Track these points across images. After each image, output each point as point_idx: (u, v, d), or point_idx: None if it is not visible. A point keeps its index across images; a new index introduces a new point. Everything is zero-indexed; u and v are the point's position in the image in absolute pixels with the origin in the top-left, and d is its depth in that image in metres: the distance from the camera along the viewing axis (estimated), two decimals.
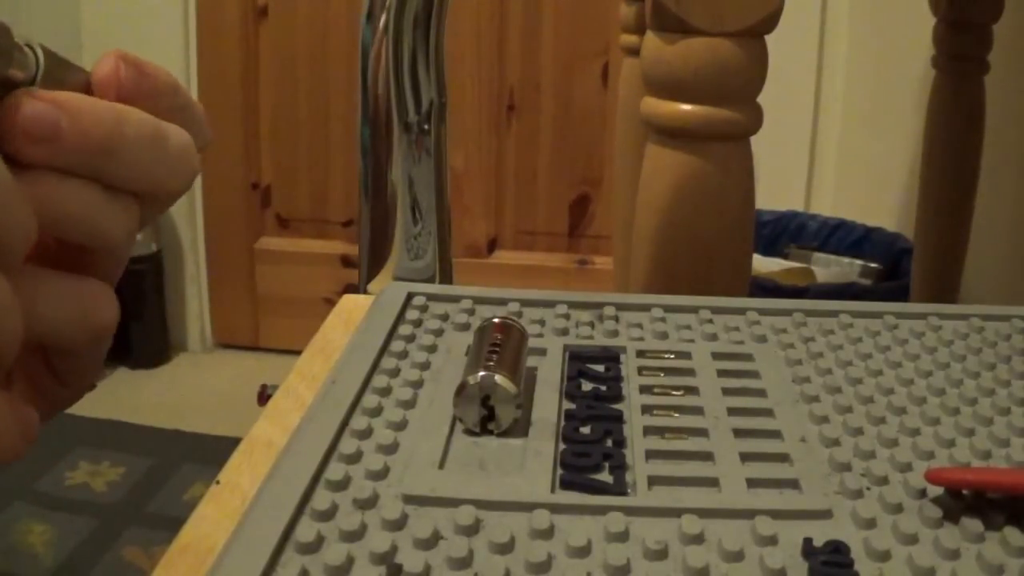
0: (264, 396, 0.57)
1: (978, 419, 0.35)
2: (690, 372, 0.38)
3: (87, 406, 1.60)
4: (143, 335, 1.74)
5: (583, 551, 0.26)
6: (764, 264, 1.30)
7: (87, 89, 0.25)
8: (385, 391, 0.35)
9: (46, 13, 1.62)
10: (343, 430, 0.32)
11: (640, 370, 0.38)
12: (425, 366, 0.38)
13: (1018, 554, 0.27)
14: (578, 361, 0.38)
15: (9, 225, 0.22)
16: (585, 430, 0.33)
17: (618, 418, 0.34)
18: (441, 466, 0.31)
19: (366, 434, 0.32)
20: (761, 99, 0.53)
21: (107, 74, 0.25)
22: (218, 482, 0.33)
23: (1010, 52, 1.05)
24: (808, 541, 0.27)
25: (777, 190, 1.46)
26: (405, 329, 0.41)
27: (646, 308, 0.44)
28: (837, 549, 0.27)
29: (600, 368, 0.38)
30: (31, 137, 0.23)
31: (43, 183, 0.24)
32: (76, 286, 0.26)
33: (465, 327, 0.41)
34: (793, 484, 0.30)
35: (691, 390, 0.36)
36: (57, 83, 0.24)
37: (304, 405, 0.35)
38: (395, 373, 0.37)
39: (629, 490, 0.30)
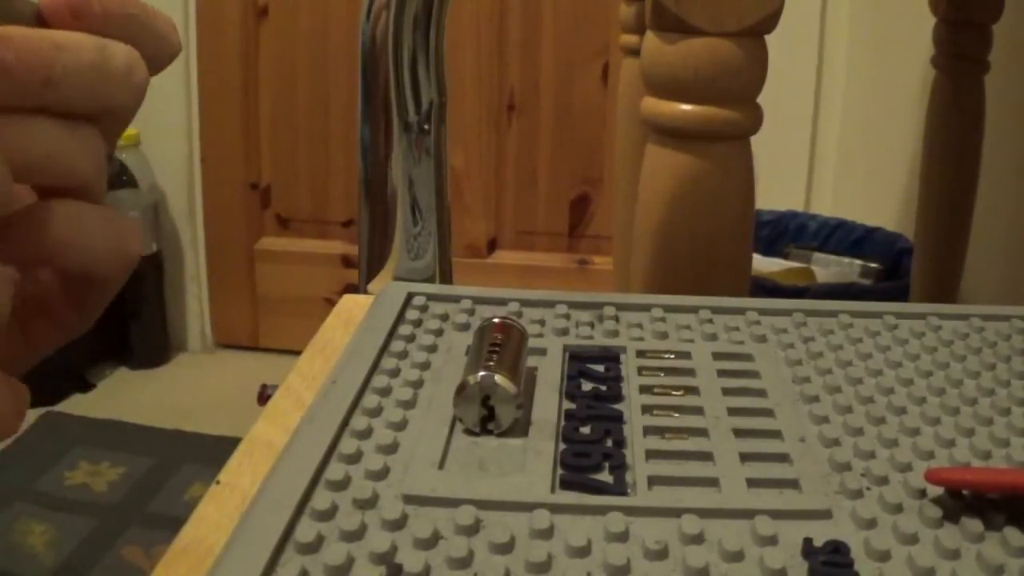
0: (264, 396, 0.57)
1: (978, 419, 0.35)
2: (690, 372, 0.38)
3: (87, 406, 1.60)
4: (143, 335, 1.74)
5: (583, 551, 0.26)
6: (764, 264, 1.30)
7: (39, 22, 0.25)
8: (385, 391, 0.35)
9: None
10: (343, 430, 0.32)
11: (640, 370, 0.38)
12: (425, 366, 0.38)
13: (1018, 554, 0.27)
14: (578, 361, 0.38)
15: None
16: (585, 430, 0.33)
17: (618, 418, 0.34)
18: (441, 466, 0.31)
19: (366, 434, 0.32)
20: (761, 99, 0.53)
21: (51, 1, 0.25)
22: (218, 482, 0.33)
23: (1010, 52, 1.05)
24: (808, 541, 0.27)
25: (777, 190, 1.46)
26: (405, 329, 0.41)
27: (646, 308, 0.44)
28: (837, 549, 0.27)
29: (600, 368, 0.38)
30: None
31: None
32: (111, 217, 0.27)
33: (465, 327, 0.41)
34: (793, 484, 0.30)
35: (691, 390, 0.36)
36: (2, 19, 0.24)
37: (304, 405, 0.35)
38: (395, 373, 0.37)
39: (629, 490, 0.30)
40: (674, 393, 0.36)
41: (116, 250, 0.27)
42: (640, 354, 0.39)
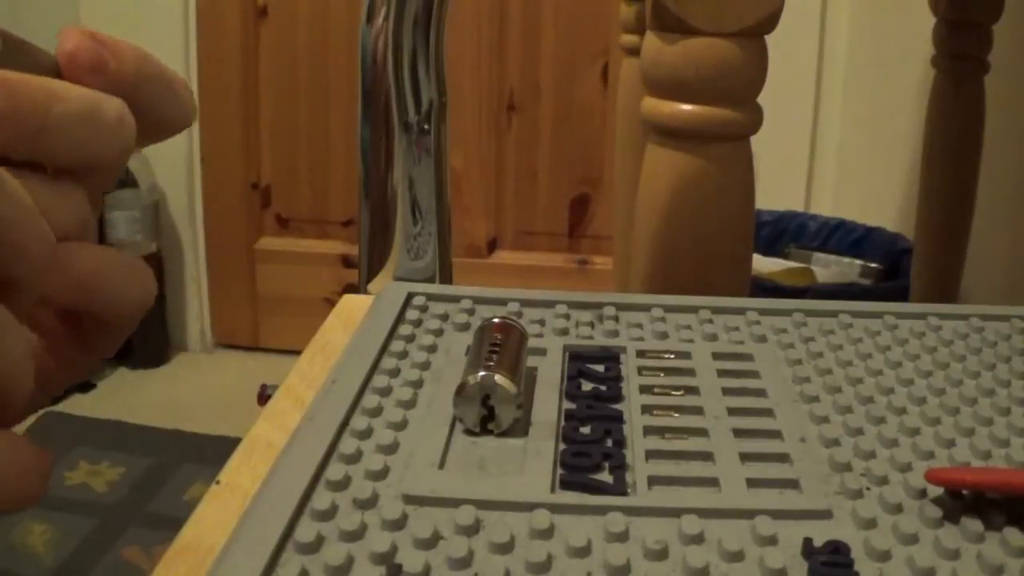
0: (264, 396, 0.57)
1: (978, 419, 0.35)
2: (690, 372, 0.38)
3: (87, 406, 1.60)
4: (143, 335, 1.74)
5: (583, 551, 0.26)
6: (764, 264, 1.30)
7: (57, 73, 0.25)
8: (385, 391, 0.35)
9: (45, 13, 1.62)
10: (343, 430, 0.32)
11: (640, 370, 0.38)
12: (425, 366, 0.38)
13: (1018, 554, 0.27)
14: (578, 361, 0.38)
15: (28, 237, 0.22)
16: (585, 430, 0.33)
17: (618, 418, 0.34)
18: (441, 466, 0.31)
19: (366, 434, 0.32)
20: (761, 99, 0.53)
21: (68, 53, 0.25)
22: (218, 482, 0.33)
23: (1010, 52, 1.05)
24: (808, 541, 0.27)
25: (777, 190, 1.45)
26: (405, 329, 0.41)
27: (646, 308, 0.44)
28: (837, 549, 0.27)
29: (600, 368, 0.38)
30: None
31: None
32: (128, 260, 0.27)
33: (465, 327, 0.41)
34: (793, 484, 0.30)
35: (691, 390, 0.36)
36: (17, 67, 0.24)
37: (304, 405, 0.35)
38: (395, 373, 0.37)
39: (629, 490, 0.30)
40: (674, 393, 0.36)
41: (133, 294, 0.27)
42: (640, 354, 0.39)
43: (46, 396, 0.28)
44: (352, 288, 0.56)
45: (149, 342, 1.75)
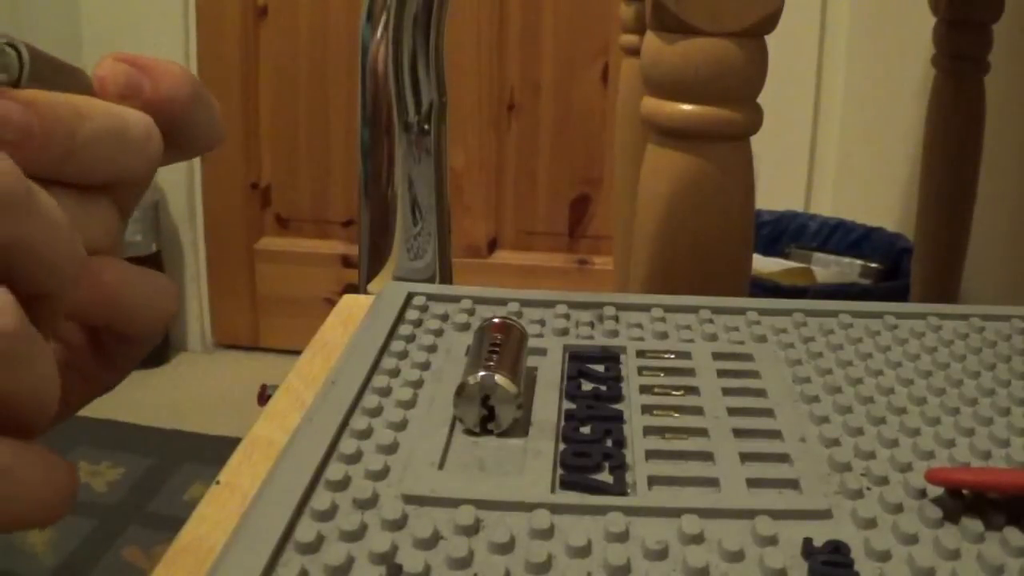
0: (264, 396, 0.57)
1: (978, 419, 0.35)
2: (690, 372, 0.38)
3: (87, 406, 1.60)
4: None
5: (583, 551, 0.26)
6: (764, 264, 1.30)
7: (90, 93, 0.25)
8: (385, 391, 0.35)
9: (46, 13, 1.62)
10: (343, 430, 0.32)
11: (640, 370, 0.38)
12: (425, 366, 0.38)
13: (1018, 554, 0.27)
14: (578, 361, 0.38)
15: (60, 255, 0.22)
16: (585, 430, 0.33)
17: (618, 418, 0.34)
18: (441, 466, 0.31)
19: (366, 434, 0.32)
20: (761, 99, 0.53)
21: (100, 77, 0.25)
22: (218, 482, 0.33)
23: (1010, 52, 1.05)
24: (808, 541, 0.27)
25: (777, 190, 1.46)
26: (405, 329, 0.41)
27: (646, 308, 0.44)
28: (837, 549, 0.27)
29: (600, 368, 0.38)
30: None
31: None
32: (150, 277, 0.27)
33: (465, 327, 0.41)
34: (793, 484, 0.30)
35: (691, 390, 0.36)
36: (48, 86, 0.23)
37: (304, 405, 0.35)
38: (395, 373, 0.37)
39: (629, 490, 0.30)
40: (674, 393, 0.36)
41: (156, 308, 0.27)
42: (640, 354, 0.39)
43: (69, 412, 0.28)
44: (352, 288, 0.56)
45: None
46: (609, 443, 0.33)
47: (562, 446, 0.32)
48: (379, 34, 0.56)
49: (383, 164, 0.59)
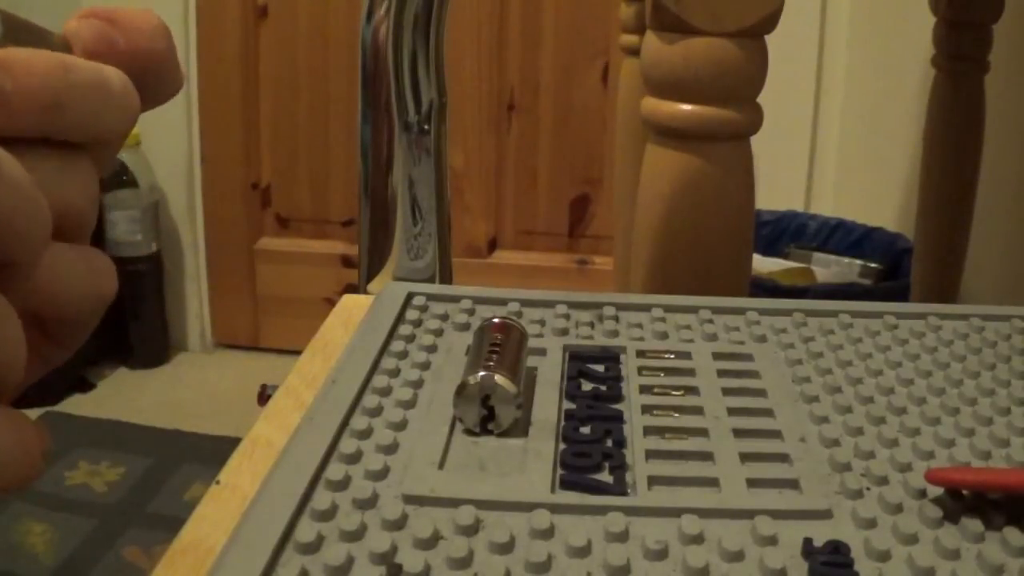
0: (264, 396, 0.57)
1: (978, 419, 0.35)
2: (690, 372, 0.38)
3: (87, 406, 1.60)
4: (143, 335, 1.74)
5: (583, 551, 0.26)
6: (764, 264, 1.30)
7: (67, 51, 0.25)
8: (385, 391, 0.35)
9: (45, 12, 1.62)
10: (343, 430, 0.32)
11: (640, 370, 0.38)
12: (425, 366, 0.38)
13: (1018, 554, 0.27)
14: (578, 361, 0.38)
15: (28, 222, 0.22)
16: (585, 430, 0.33)
17: (618, 418, 0.34)
18: (441, 466, 0.31)
19: (366, 434, 0.32)
20: (761, 99, 0.53)
21: (74, 33, 0.25)
22: (218, 482, 0.33)
23: (1010, 52, 1.05)
24: (808, 541, 0.27)
25: (777, 190, 1.45)
26: (405, 329, 0.41)
27: (646, 308, 0.44)
28: (837, 549, 0.27)
29: (600, 368, 0.38)
30: None
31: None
32: (85, 259, 0.26)
33: (465, 327, 0.41)
34: (793, 484, 0.30)
35: (691, 390, 0.36)
36: (25, 46, 0.23)
37: (304, 405, 0.35)
38: (395, 373, 0.37)
39: (629, 490, 0.30)
40: (674, 393, 0.36)
41: (92, 295, 0.26)
42: (640, 354, 0.39)
43: (21, 387, 0.28)
44: (352, 288, 0.56)
45: (149, 342, 1.75)
46: (609, 443, 0.33)
47: (562, 446, 0.32)
48: (379, 34, 0.56)
49: (383, 164, 0.59)
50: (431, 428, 0.33)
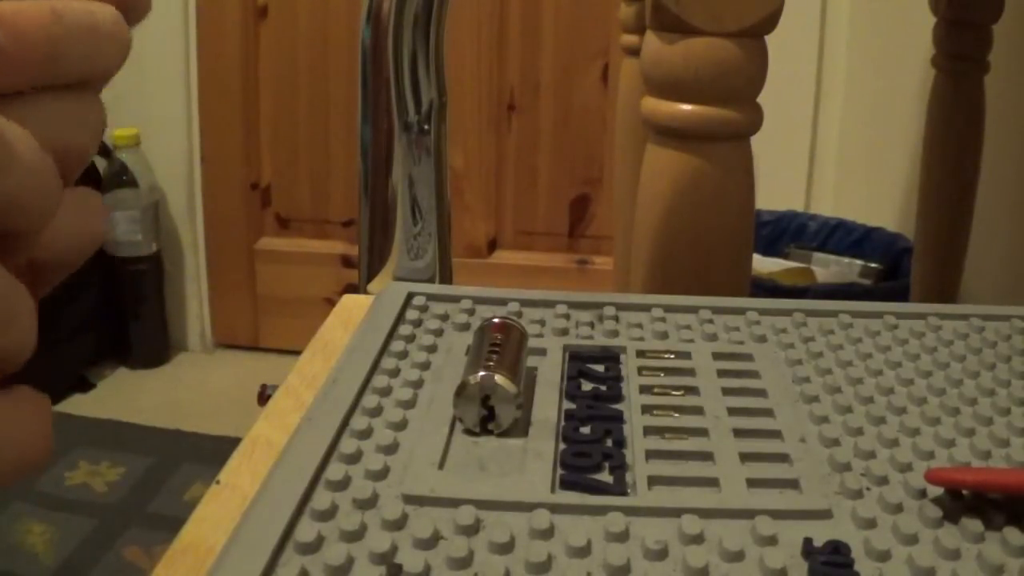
0: (264, 396, 0.57)
1: (978, 419, 0.35)
2: (690, 372, 0.38)
3: (87, 406, 1.60)
4: (143, 335, 1.74)
5: (583, 551, 0.26)
6: (764, 264, 1.30)
7: None
8: (385, 391, 0.35)
9: None
10: (343, 430, 0.32)
11: (640, 370, 0.38)
12: (425, 366, 0.38)
13: (1018, 554, 0.27)
14: (578, 361, 0.38)
15: (40, 199, 0.22)
16: (585, 430, 0.33)
17: (618, 418, 0.34)
18: (441, 466, 0.31)
19: (366, 434, 0.32)
20: (761, 99, 0.53)
21: None
22: (218, 482, 0.33)
23: (1010, 52, 1.05)
24: (808, 541, 0.27)
25: (777, 190, 1.45)
26: (405, 329, 0.41)
27: (646, 308, 0.44)
28: (837, 549, 0.27)
29: (600, 368, 0.38)
30: None
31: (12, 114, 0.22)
32: (81, 201, 0.25)
33: (465, 327, 0.41)
34: (793, 484, 0.30)
35: (691, 390, 0.36)
36: None
37: (304, 405, 0.35)
38: (395, 373, 0.37)
39: (629, 490, 0.30)
40: (674, 393, 0.36)
41: (87, 237, 0.26)
42: (640, 354, 0.39)
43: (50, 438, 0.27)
44: (352, 288, 0.56)
45: (149, 342, 1.75)
46: (609, 443, 0.33)
47: (562, 446, 0.32)
48: (379, 34, 0.56)
49: (383, 164, 0.59)
50: (431, 428, 0.33)
